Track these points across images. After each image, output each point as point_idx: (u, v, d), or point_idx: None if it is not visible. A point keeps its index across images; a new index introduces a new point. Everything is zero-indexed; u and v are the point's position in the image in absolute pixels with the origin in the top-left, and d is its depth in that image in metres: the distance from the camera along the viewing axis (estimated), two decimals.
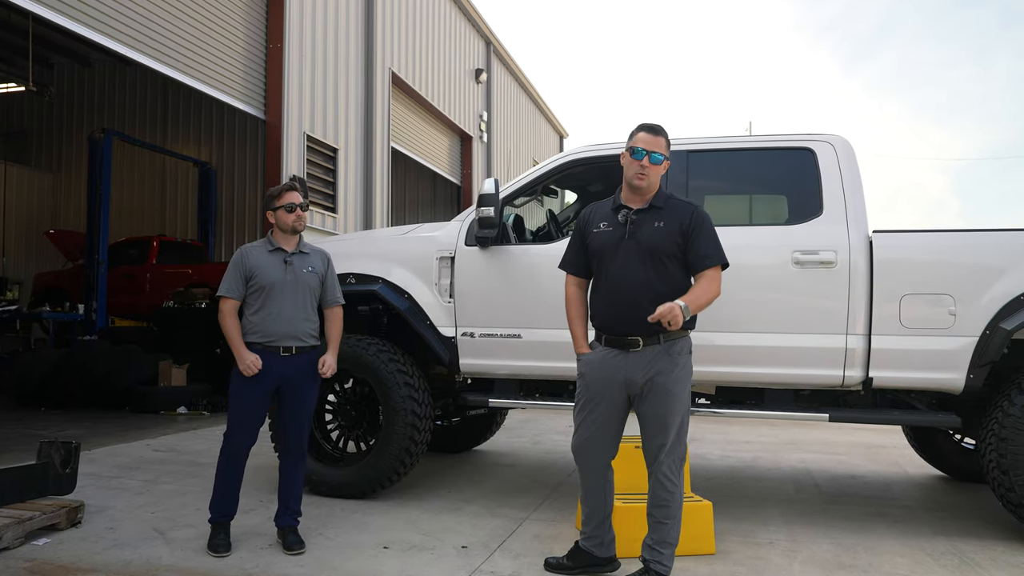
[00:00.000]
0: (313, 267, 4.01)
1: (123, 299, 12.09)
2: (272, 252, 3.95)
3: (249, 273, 3.88)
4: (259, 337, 3.85)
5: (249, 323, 3.89)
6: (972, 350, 4.10)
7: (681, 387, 3.33)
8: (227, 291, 3.90)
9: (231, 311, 3.89)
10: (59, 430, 7.64)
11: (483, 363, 4.80)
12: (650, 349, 3.32)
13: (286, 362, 3.87)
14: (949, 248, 4.28)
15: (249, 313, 3.90)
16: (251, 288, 3.89)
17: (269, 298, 3.86)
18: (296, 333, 3.89)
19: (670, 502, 3.31)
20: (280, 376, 3.88)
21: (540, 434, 8.02)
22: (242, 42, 10.40)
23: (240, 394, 3.85)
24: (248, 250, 3.97)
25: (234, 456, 3.91)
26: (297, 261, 3.96)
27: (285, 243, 3.99)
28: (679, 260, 3.36)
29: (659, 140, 3.41)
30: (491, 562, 3.75)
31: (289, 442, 4.00)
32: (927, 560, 3.91)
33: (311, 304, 3.99)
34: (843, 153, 4.45)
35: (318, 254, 4.10)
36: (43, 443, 4.51)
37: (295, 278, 3.92)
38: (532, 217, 6.60)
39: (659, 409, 3.31)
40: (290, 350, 3.87)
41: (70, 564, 3.60)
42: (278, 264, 3.92)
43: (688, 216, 3.35)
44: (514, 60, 21.34)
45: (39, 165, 16.44)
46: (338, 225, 12.47)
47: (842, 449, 7.37)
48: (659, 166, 3.39)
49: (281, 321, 3.86)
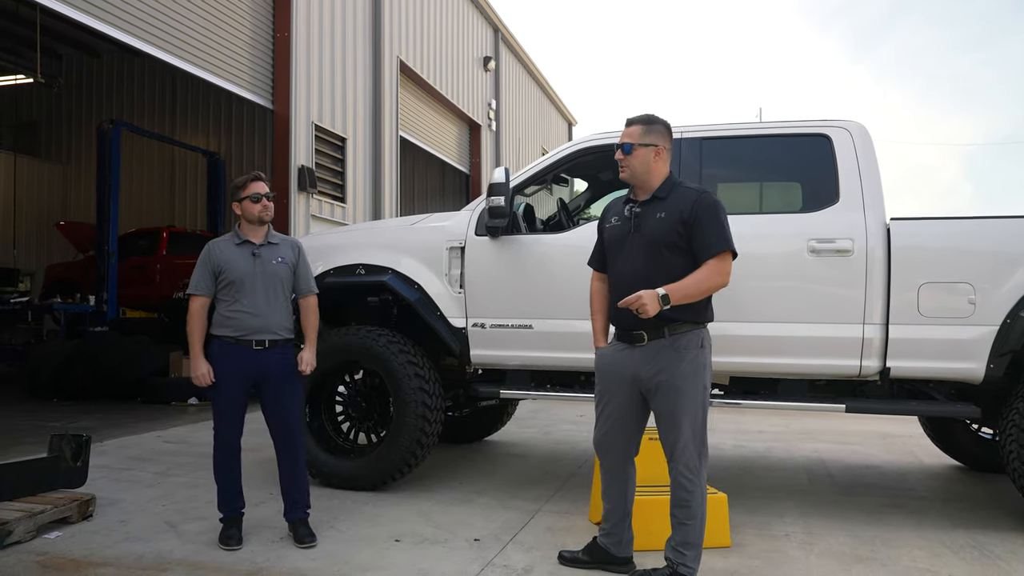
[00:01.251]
0: (283, 257, 3.93)
1: (134, 290, 12.12)
2: (240, 245, 3.88)
3: (218, 268, 3.82)
4: (231, 331, 3.79)
5: (221, 318, 3.83)
6: (992, 339, 4.02)
7: (690, 383, 3.22)
8: (195, 288, 3.83)
9: (200, 310, 3.83)
10: (71, 422, 7.66)
11: (494, 354, 4.76)
12: (655, 344, 3.25)
13: (260, 356, 3.81)
14: (968, 236, 4.20)
15: (221, 308, 3.84)
16: (221, 283, 3.82)
17: (240, 292, 3.80)
18: (269, 326, 3.82)
19: (690, 502, 3.23)
20: (256, 370, 3.82)
21: (551, 424, 7.98)
22: (249, 31, 10.34)
23: (218, 389, 3.81)
24: (215, 245, 3.90)
25: (227, 451, 3.88)
26: (266, 252, 3.89)
27: (253, 235, 3.91)
28: (682, 250, 3.23)
29: (631, 130, 3.35)
30: (504, 555, 3.72)
31: (278, 438, 3.94)
32: (946, 553, 3.85)
33: (283, 296, 3.92)
34: (860, 139, 4.37)
35: (288, 244, 4.03)
36: (54, 436, 4.50)
37: (264, 270, 3.85)
38: (543, 206, 6.54)
39: (668, 406, 3.25)
40: (263, 343, 3.81)
41: (81, 558, 3.59)
42: (246, 257, 3.85)
43: (689, 204, 3.22)
44: (522, 48, 21.19)
45: (49, 157, 16.48)
46: (347, 215, 12.43)
47: (856, 439, 7.31)
48: (632, 156, 3.30)
49: (253, 315, 3.79)
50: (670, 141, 3.41)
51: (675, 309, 3.17)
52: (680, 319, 3.21)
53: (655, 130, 3.35)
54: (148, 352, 9.68)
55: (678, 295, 3.11)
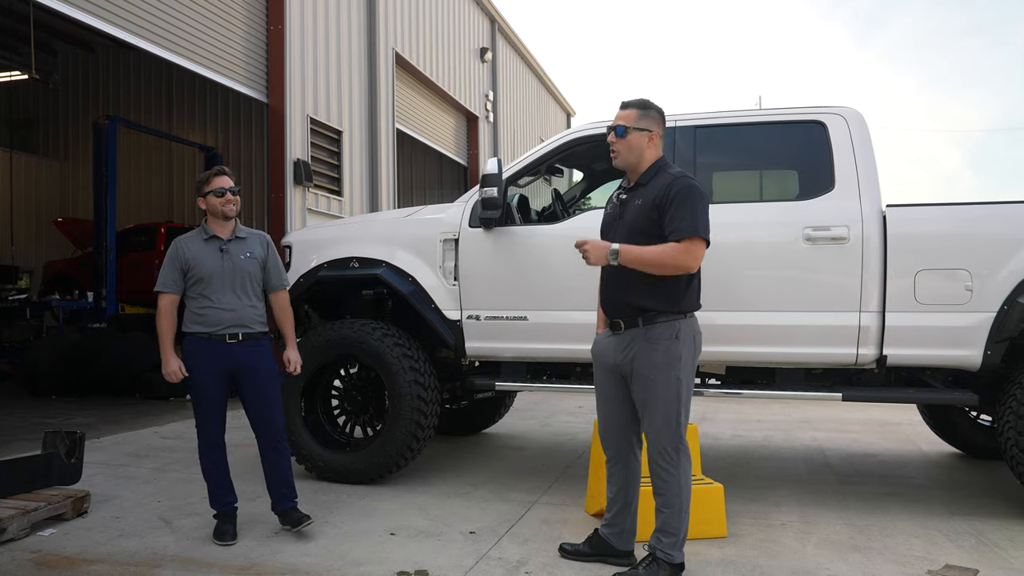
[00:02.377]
0: (251, 252, 3.90)
1: (132, 286, 12.10)
2: (207, 241, 3.85)
3: (186, 265, 3.79)
4: (203, 327, 3.77)
5: (192, 315, 3.80)
6: (989, 326, 4.00)
7: (660, 373, 3.17)
8: (163, 286, 3.80)
9: (169, 307, 3.80)
10: (68, 418, 7.65)
11: (489, 346, 4.73)
12: (629, 332, 3.25)
13: (234, 349, 3.78)
14: (965, 222, 4.17)
15: (191, 305, 3.82)
16: (190, 280, 3.79)
17: (209, 288, 3.77)
18: (241, 321, 3.80)
19: (666, 490, 3.20)
20: (231, 364, 3.79)
21: (549, 416, 7.97)
22: (242, 25, 10.28)
23: (195, 386, 3.80)
24: (182, 241, 3.87)
25: (211, 446, 3.87)
26: (234, 248, 3.86)
27: (220, 230, 3.87)
28: (658, 237, 3.18)
29: (626, 112, 3.32)
30: (499, 548, 3.71)
31: (259, 431, 3.92)
32: (943, 541, 3.83)
33: (252, 290, 3.89)
34: (855, 126, 4.33)
35: (256, 238, 3.99)
36: (48, 433, 4.49)
37: (233, 265, 3.82)
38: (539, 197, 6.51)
39: (640, 395, 3.24)
40: (236, 337, 3.79)
41: (75, 555, 3.58)
42: (214, 253, 3.82)
43: (662, 189, 3.19)
44: (520, 38, 21.09)
45: (46, 153, 16.42)
46: (344, 208, 12.38)
47: (855, 427, 7.29)
48: (625, 139, 3.28)
49: (224, 310, 3.77)
50: (663, 128, 3.39)
51: (650, 298, 3.17)
52: (656, 308, 3.19)
53: (650, 115, 3.32)
54: (146, 348, 9.66)
55: (629, 256, 3.11)
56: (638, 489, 3.50)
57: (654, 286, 3.18)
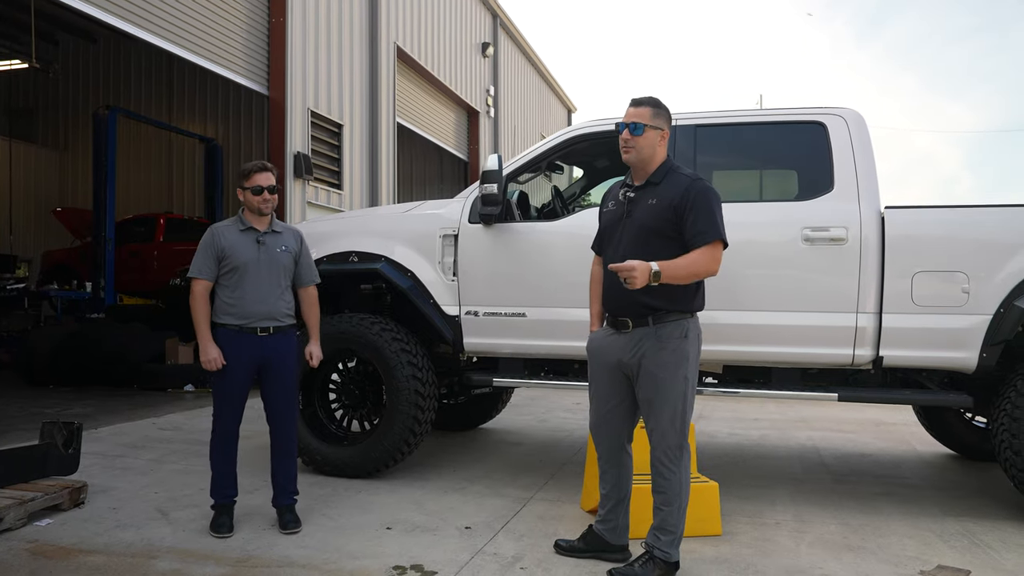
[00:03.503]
0: (286, 246, 3.93)
1: (130, 276, 12.10)
2: (244, 231, 3.87)
3: (221, 253, 3.80)
4: (234, 319, 3.79)
5: (223, 304, 3.82)
6: (986, 328, 4.02)
7: (669, 373, 3.19)
8: (198, 272, 3.81)
9: (203, 293, 3.81)
10: (66, 408, 7.67)
11: (487, 342, 4.75)
12: (638, 331, 3.24)
13: (263, 342, 3.81)
14: (963, 224, 4.18)
15: (223, 294, 3.83)
16: (224, 268, 3.81)
17: (243, 278, 3.79)
18: (272, 313, 3.83)
19: (666, 489, 3.23)
20: (259, 357, 3.82)
21: (547, 412, 7.99)
22: (244, 17, 10.27)
23: (221, 377, 3.81)
24: (219, 229, 3.89)
25: (225, 439, 3.88)
26: (270, 240, 3.89)
27: (256, 222, 3.91)
28: (671, 238, 3.19)
29: (641, 110, 3.31)
30: (494, 543, 3.72)
31: (275, 421, 3.95)
32: (936, 542, 3.85)
33: (285, 283, 3.92)
34: (855, 127, 4.34)
35: (291, 233, 4.03)
36: (45, 423, 4.50)
37: (269, 257, 3.85)
38: (539, 193, 6.52)
39: (647, 394, 3.24)
40: (267, 330, 3.82)
41: (71, 546, 3.59)
42: (251, 243, 3.84)
43: (681, 191, 3.19)
44: (521, 33, 21.07)
45: (46, 143, 16.41)
46: (344, 202, 12.38)
47: (851, 426, 7.31)
48: (642, 137, 3.27)
49: (256, 301, 3.79)
50: (670, 128, 3.41)
51: (661, 297, 3.16)
52: (665, 308, 3.20)
53: (662, 114, 3.34)
54: (145, 339, 9.68)
55: (669, 273, 3.07)
56: (631, 485, 3.52)
57: (666, 286, 3.15)
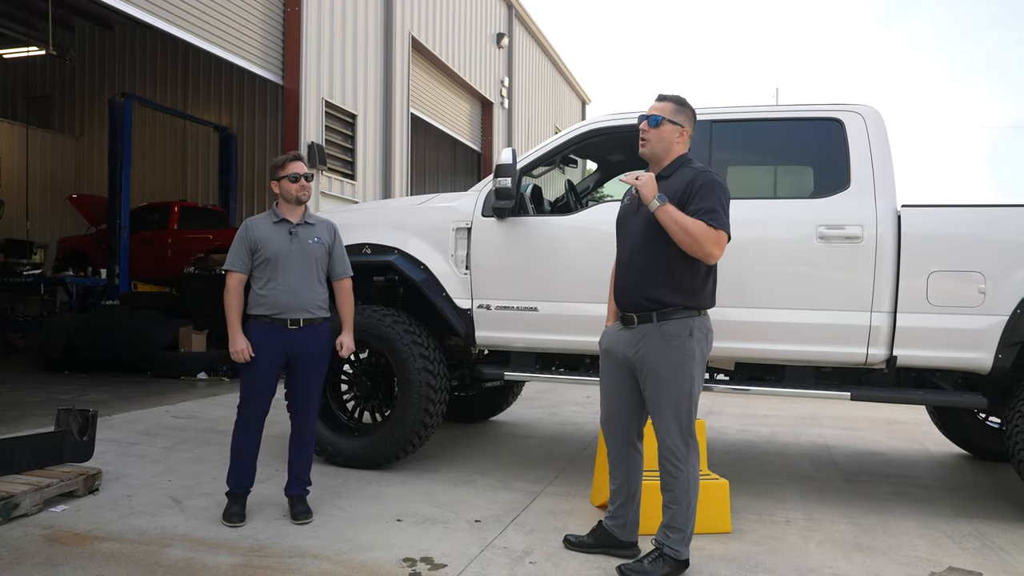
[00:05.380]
0: (319, 238, 3.95)
1: (145, 264, 12.19)
2: (277, 223, 3.90)
3: (254, 245, 3.83)
4: (267, 310, 3.82)
5: (256, 296, 3.85)
6: (1002, 329, 3.98)
7: (673, 371, 3.18)
8: (232, 264, 3.85)
9: (237, 285, 3.84)
10: (80, 395, 7.74)
11: (499, 335, 4.75)
12: (642, 328, 3.24)
13: (295, 335, 3.84)
14: (980, 224, 4.14)
15: (256, 287, 3.86)
16: (257, 260, 3.84)
17: (276, 270, 3.82)
18: (304, 305, 3.85)
19: (674, 486, 3.22)
20: (289, 349, 3.85)
21: (557, 405, 8.00)
22: (260, 5, 10.28)
23: (250, 367, 3.83)
24: (253, 222, 3.92)
25: (248, 429, 3.90)
26: (303, 232, 3.91)
27: (290, 214, 3.93)
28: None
29: (663, 105, 3.32)
30: (504, 537, 3.74)
31: (298, 412, 3.98)
32: (947, 543, 3.84)
33: (318, 275, 3.95)
34: (872, 124, 4.30)
35: (324, 225, 4.04)
36: (61, 410, 4.54)
37: (301, 249, 3.87)
38: (553, 187, 6.50)
39: (651, 391, 3.24)
40: (298, 323, 3.84)
41: (86, 532, 3.63)
42: (283, 235, 3.87)
43: (686, 182, 3.17)
44: (536, 24, 21.00)
45: (62, 129, 16.51)
46: (357, 192, 12.41)
47: (862, 425, 7.28)
48: (658, 130, 3.27)
49: (289, 293, 3.81)
50: (693, 128, 3.39)
51: (666, 292, 3.17)
52: (671, 304, 3.19)
53: (684, 112, 3.34)
54: (158, 326, 9.74)
55: (670, 211, 3.07)
56: (641, 481, 3.52)
57: (671, 280, 3.17)
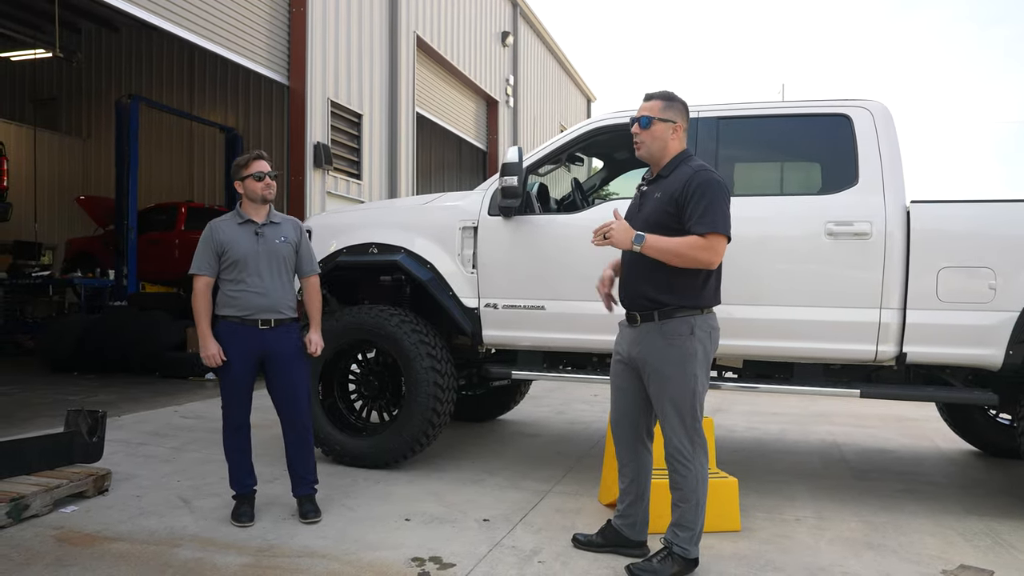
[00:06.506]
0: (285, 237, 3.94)
1: (152, 265, 12.22)
2: (242, 224, 3.88)
3: (220, 248, 3.82)
4: (237, 311, 3.81)
5: (226, 297, 3.84)
6: (1012, 326, 3.95)
7: (675, 370, 3.16)
8: (199, 268, 3.83)
9: (205, 289, 3.82)
10: (89, 396, 7.76)
11: (506, 335, 4.74)
12: (644, 327, 3.24)
13: (265, 335, 3.82)
14: (990, 219, 4.11)
15: (225, 288, 3.85)
16: (224, 263, 3.83)
17: (243, 271, 3.80)
18: (273, 305, 3.84)
19: (682, 485, 3.21)
20: (261, 349, 3.83)
21: (565, 404, 7.99)
22: (265, 6, 10.29)
23: (225, 371, 3.83)
24: (217, 224, 3.90)
25: (234, 430, 3.91)
26: (268, 232, 3.90)
27: (255, 214, 3.91)
28: (675, 231, 3.14)
29: (650, 104, 3.30)
30: (512, 536, 3.73)
31: (285, 415, 3.96)
32: (959, 540, 3.82)
33: (286, 275, 3.93)
34: (881, 120, 4.28)
35: (290, 223, 4.03)
36: (70, 411, 4.56)
37: (268, 249, 3.86)
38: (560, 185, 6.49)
39: (654, 390, 3.24)
40: (269, 323, 3.83)
41: (96, 532, 3.64)
42: (250, 236, 3.86)
43: (682, 184, 3.15)
44: (541, 22, 20.97)
45: (69, 131, 16.56)
46: (363, 192, 12.42)
47: (872, 422, 7.25)
48: (649, 130, 3.25)
49: (259, 294, 3.80)
50: (687, 121, 3.36)
51: (667, 291, 3.16)
52: (672, 303, 3.17)
53: (675, 107, 3.30)
54: (166, 327, 9.77)
55: (653, 245, 3.09)
56: (650, 480, 3.51)
57: (673, 280, 3.16)
